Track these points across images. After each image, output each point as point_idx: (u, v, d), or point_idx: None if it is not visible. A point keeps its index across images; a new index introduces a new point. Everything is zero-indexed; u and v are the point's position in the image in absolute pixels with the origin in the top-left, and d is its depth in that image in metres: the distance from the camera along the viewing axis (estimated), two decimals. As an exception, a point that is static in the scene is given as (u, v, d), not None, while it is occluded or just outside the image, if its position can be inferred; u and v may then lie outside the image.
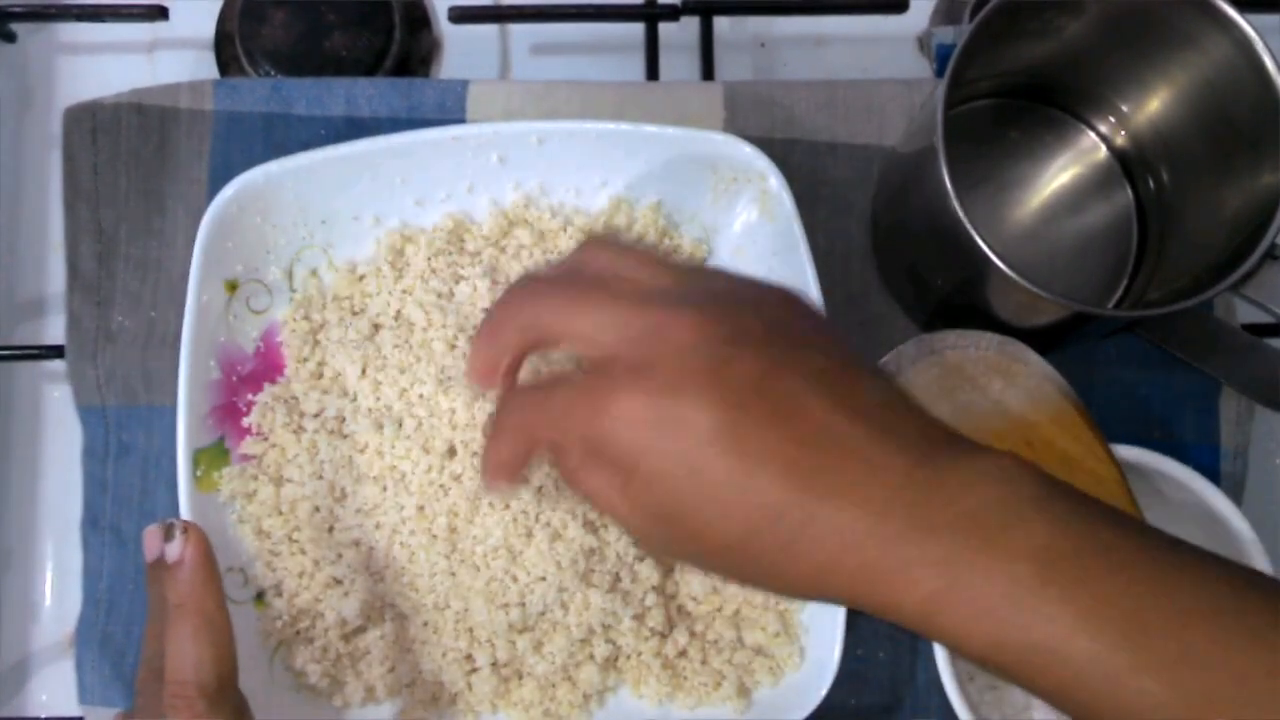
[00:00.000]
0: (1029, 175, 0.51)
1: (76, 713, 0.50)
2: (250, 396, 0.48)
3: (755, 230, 0.49)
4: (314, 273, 0.49)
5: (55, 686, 0.52)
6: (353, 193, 0.48)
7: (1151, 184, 0.50)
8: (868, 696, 0.50)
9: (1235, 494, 0.51)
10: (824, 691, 0.45)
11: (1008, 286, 0.42)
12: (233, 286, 0.48)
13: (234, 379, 0.48)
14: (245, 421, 0.48)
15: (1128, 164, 0.51)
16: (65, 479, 0.53)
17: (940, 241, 0.44)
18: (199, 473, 0.46)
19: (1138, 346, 0.51)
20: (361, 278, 0.49)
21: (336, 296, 0.49)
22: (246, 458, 0.48)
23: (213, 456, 0.47)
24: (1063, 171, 0.51)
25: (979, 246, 0.41)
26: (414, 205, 0.49)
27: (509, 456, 0.35)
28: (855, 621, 0.47)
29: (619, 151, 0.48)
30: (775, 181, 0.47)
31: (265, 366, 0.49)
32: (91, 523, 0.50)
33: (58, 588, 0.53)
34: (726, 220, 0.49)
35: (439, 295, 0.48)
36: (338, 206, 0.49)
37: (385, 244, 0.49)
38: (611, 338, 0.33)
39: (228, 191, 0.47)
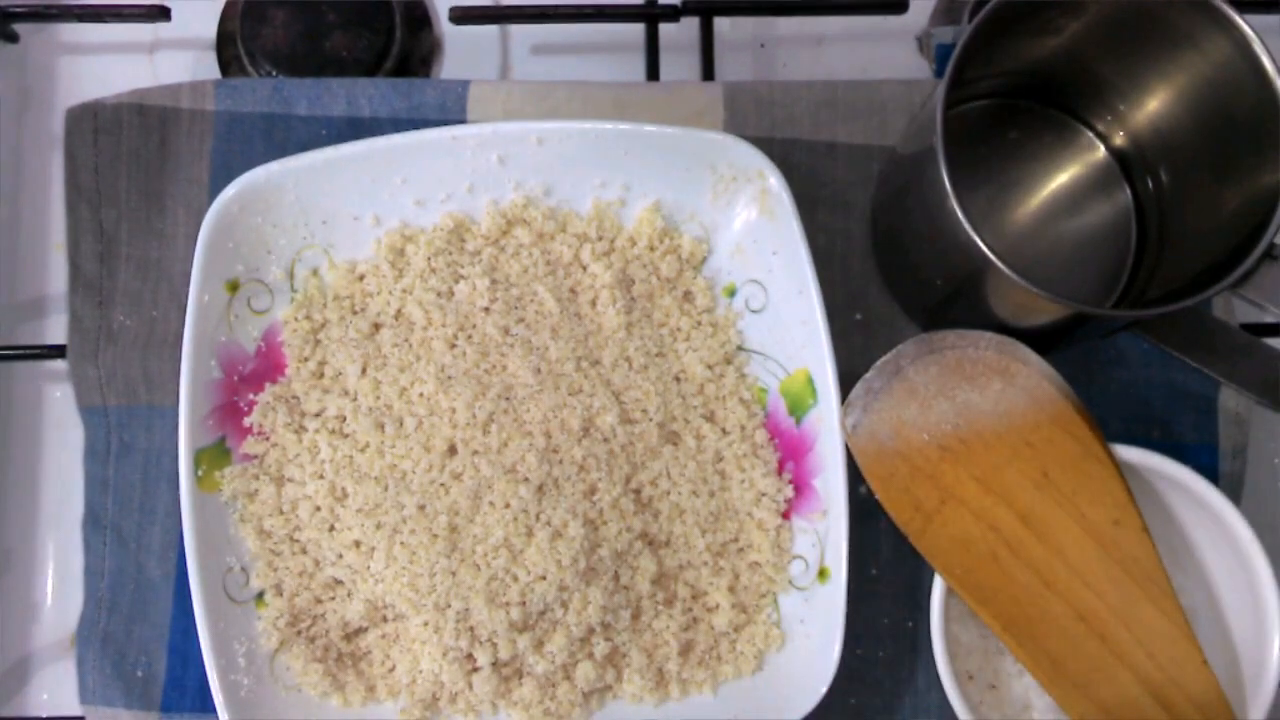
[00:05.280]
0: (1029, 175, 0.51)
1: (77, 712, 0.50)
2: (251, 396, 0.48)
3: (755, 229, 0.49)
4: (315, 272, 0.49)
5: (56, 686, 0.52)
6: (353, 193, 0.48)
7: (1151, 184, 0.50)
8: (868, 696, 0.50)
9: (1234, 494, 0.51)
10: (824, 691, 0.45)
11: (1008, 286, 0.42)
12: (234, 286, 0.48)
13: (235, 379, 0.48)
14: (246, 421, 0.48)
15: (1127, 164, 0.51)
16: (66, 479, 0.53)
17: (940, 241, 0.44)
18: (200, 472, 0.46)
19: (1138, 346, 0.51)
20: (362, 277, 0.49)
21: (337, 296, 0.49)
22: (248, 457, 0.48)
23: (214, 456, 0.47)
24: (1062, 171, 0.51)
25: (979, 246, 0.41)
26: (414, 205, 0.49)
27: None
28: (855, 620, 0.47)
29: (619, 151, 0.48)
30: (775, 180, 0.47)
31: (266, 366, 0.49)
32: (92, 522, 0.50)
33: (58, 588, 0.53)
34: (726, 219, 0.49)
35: (439, 295, 0.48)
36: (338, 206, 0.49)
37: (385, 244, 0.49)
38: None
39: (229, 192, 0.47)
